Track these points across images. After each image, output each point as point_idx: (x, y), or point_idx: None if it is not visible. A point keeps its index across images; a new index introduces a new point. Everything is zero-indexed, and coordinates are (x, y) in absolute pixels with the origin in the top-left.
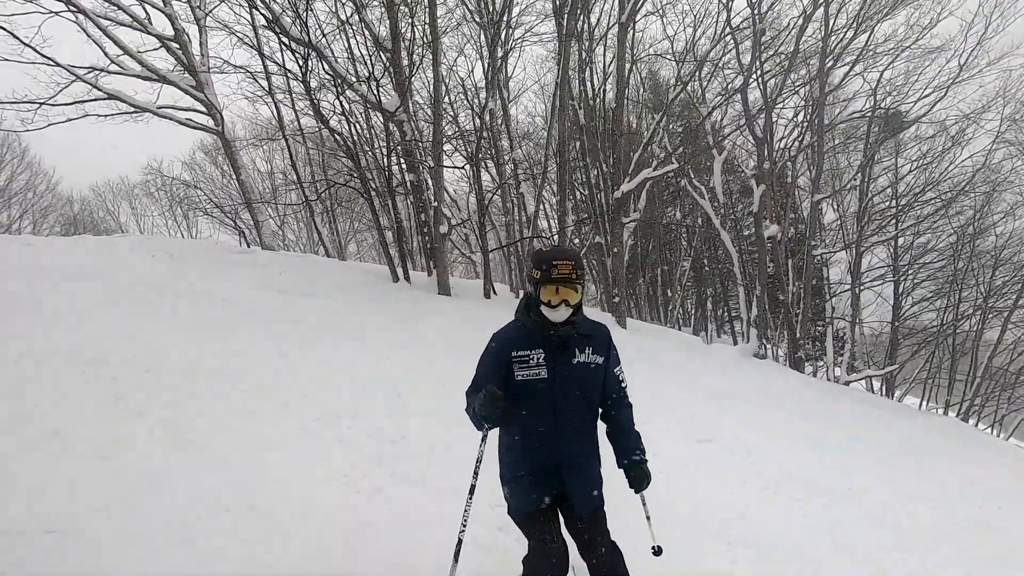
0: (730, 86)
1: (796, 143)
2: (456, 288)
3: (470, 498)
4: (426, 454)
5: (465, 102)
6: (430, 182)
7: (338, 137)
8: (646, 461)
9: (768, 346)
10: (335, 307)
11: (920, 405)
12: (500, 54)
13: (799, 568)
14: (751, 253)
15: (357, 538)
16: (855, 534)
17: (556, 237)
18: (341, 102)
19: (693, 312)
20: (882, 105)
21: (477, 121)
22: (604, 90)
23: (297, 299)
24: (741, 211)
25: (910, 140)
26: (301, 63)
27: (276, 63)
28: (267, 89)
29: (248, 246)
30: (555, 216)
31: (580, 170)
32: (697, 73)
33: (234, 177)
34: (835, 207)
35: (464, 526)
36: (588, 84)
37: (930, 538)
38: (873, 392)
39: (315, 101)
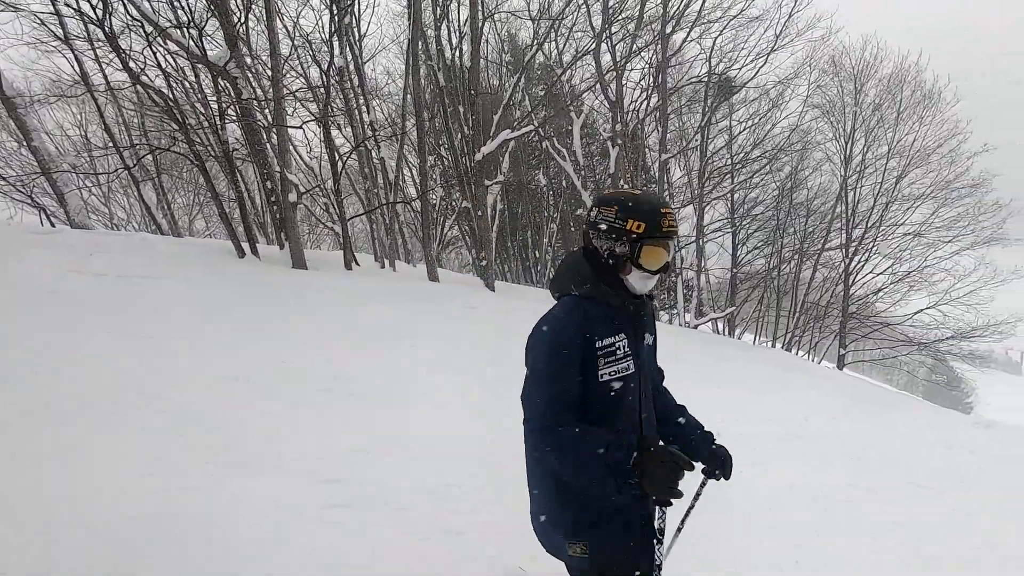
0: (582, 48)
1: (644, 105)
2: (313, 260)
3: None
4: (266, 442)
5: (312, 58)
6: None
7: (154, 94)
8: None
9: None
10: (165, 289)
11: (754, 340)
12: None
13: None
14: None
15: None
16: None
17: (418, 202)
18: (155, 52)
19: None
20: (716, 70)
21: (326, 78)
22: (461, 50)
23: (114, 282)
24: (601, 173)
25: (740, 103)
26: (96, 1)
27: (70, 6)
28: (61, 36)
29: (52, 225)
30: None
31: (443, 132)
32: (553, 35)
33: (24, 142)
34: (681, 166)
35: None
36: (445, 43)
37: (756, 447)
38: (718, 332)
39: (121, 51)
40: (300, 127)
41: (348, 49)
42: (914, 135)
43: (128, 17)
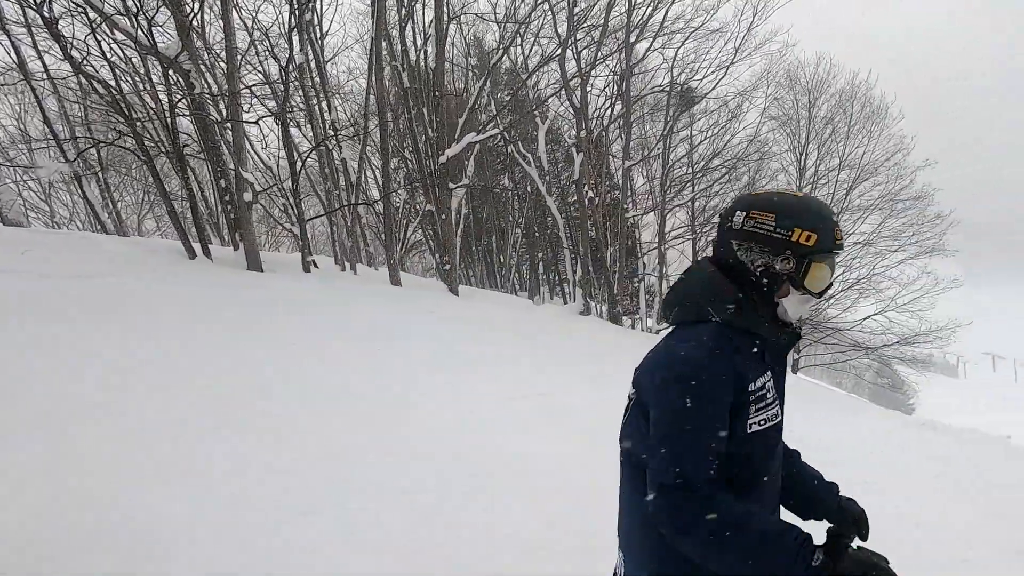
0: (548, 54)
1: (608, 113)
2: (270, 262)
3: None
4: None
5: (270, 53)
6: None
7: (98, 85)
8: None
9: (592, 304)
10: (107, 292)
11: None
12: None
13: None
14: (575, 218)
15: None
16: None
17: (380, 203)
18: (99, 41)
19: (528, 277)
20: (678, 81)
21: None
22: (426, 51)
23: (55, 284)
24: (565, 179)
25: (700, 113)
26: None
27: None
28: None
29: None
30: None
31: (408, 135)
32: (519, 40)
33: None
34: (644, 174)
35: None
36: (410, 44)
37: None
38: None
39: (62, 38)
40: (256, 123)
41: (309, 46)
42: (863, 148)
43: (70, 2)
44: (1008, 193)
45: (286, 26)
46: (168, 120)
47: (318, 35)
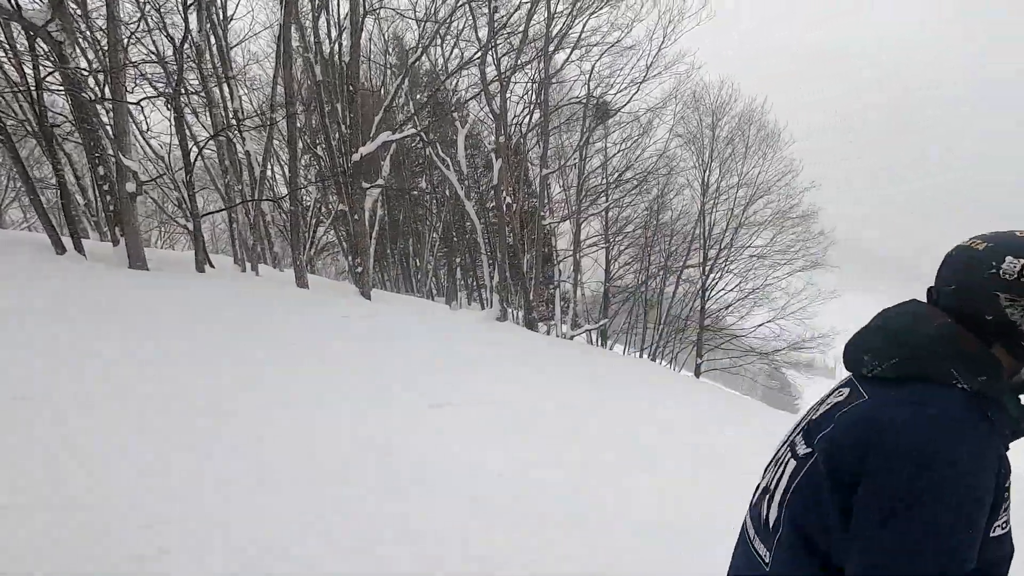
0: (468, 58)
1: (527, 120)
2: (157, 260)
3: None
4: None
5: (162, 29)
6: (109, 126)
7: None
8: None
9: (509, 309)
10: None
11: (624, 351)
12: None
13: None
14: (494, 224)
15: None
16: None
17: (288, 200)
18: None
19: (446, 282)
20: (594, 94)
21: (179, 53)
22: (341, 44)
23: None
24: (485, 184)
25: (615, 126)
26: None
27: None
28: None
29: None
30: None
31: (320, 131)
32: (439, 41)
33: None
34: (560, 182)
35: None
36: (324, 35)
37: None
38: (592, 343)
39: None
40: (138, 104)
41: (210, 28)
42: (759, 168)
43: None
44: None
45: (181, 3)
46: (35, 96)
47: (221, 17)
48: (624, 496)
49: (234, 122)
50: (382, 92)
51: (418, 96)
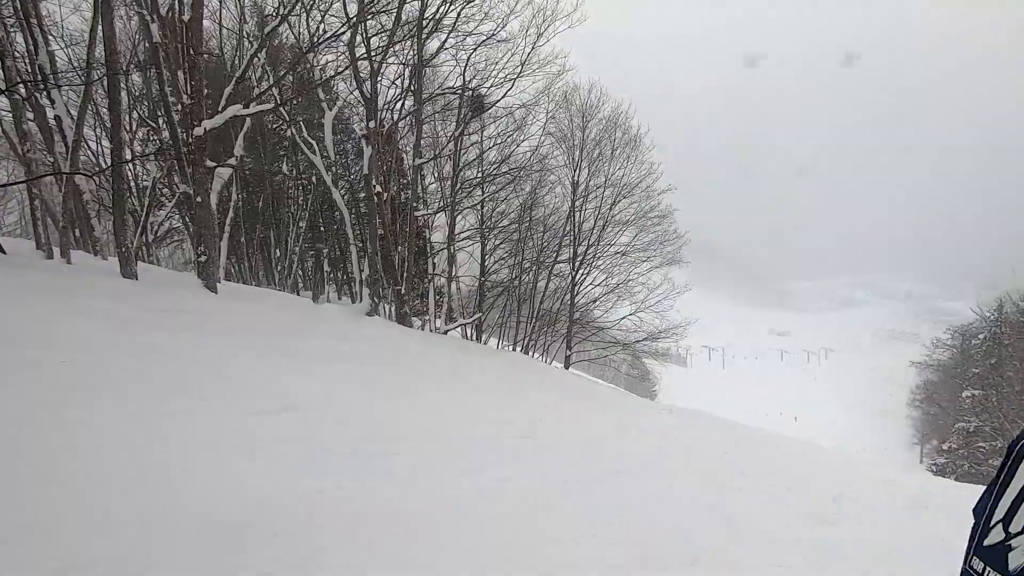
0: (335, 31)
1: (400, 107)
2: None
3: None
4: None
5: None
6: None
7: None
8: None
9: (380, 304)
10: None
11: (498, 344)
12: None
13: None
14: (364, 214)
15: None
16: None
17: (110, 174)
18: None
19: (313, 274)
20: (470, 85)
21: None
22: (182, 2)
23: None
24: (356, 173)
25: (490, 119)
26: None
27: None
28: None
29: None
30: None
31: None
32: (304, 13)
33: None
34: (435, 173)
35: None
36: None
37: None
38: (467, 338)
39: None
40: None
41: None
42: (623, 171)
43: None
44: None
45: None
46: None
47: None
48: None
49: (39, 78)
50: (236, 60)
51: (280, 71)
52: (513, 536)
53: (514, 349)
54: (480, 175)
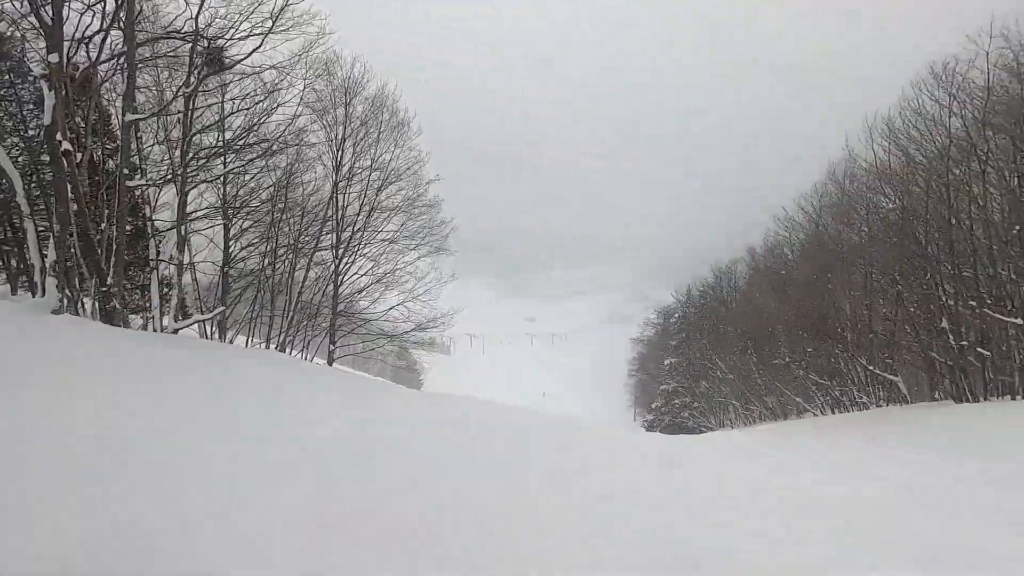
0: None
1: (102, 43)
2: None
3: None
4: None
5: None
6: None
7: None
8: None
9: (77, 298)
10: None
11: (247, 342)
12: None
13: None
14: (49, 182)
15: None
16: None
17: None
18: None
19: None
20: (205, 34)
21: None
22: None
23: None
24: (35, 125)
25: (235, 79)
26: None
27: None
28: None
29: None
30: None
31: None
32: None
33: None
34: (159, 137)
35: None
36: None
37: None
38: (207, 337)
39: None
40: None
41: None
42: (390, 155)
43: None
44: None
45: None
46: None
47: None
48: None
49: None
50: None
51: None
52: None
53: (267, 346)
54: (222, 143)
